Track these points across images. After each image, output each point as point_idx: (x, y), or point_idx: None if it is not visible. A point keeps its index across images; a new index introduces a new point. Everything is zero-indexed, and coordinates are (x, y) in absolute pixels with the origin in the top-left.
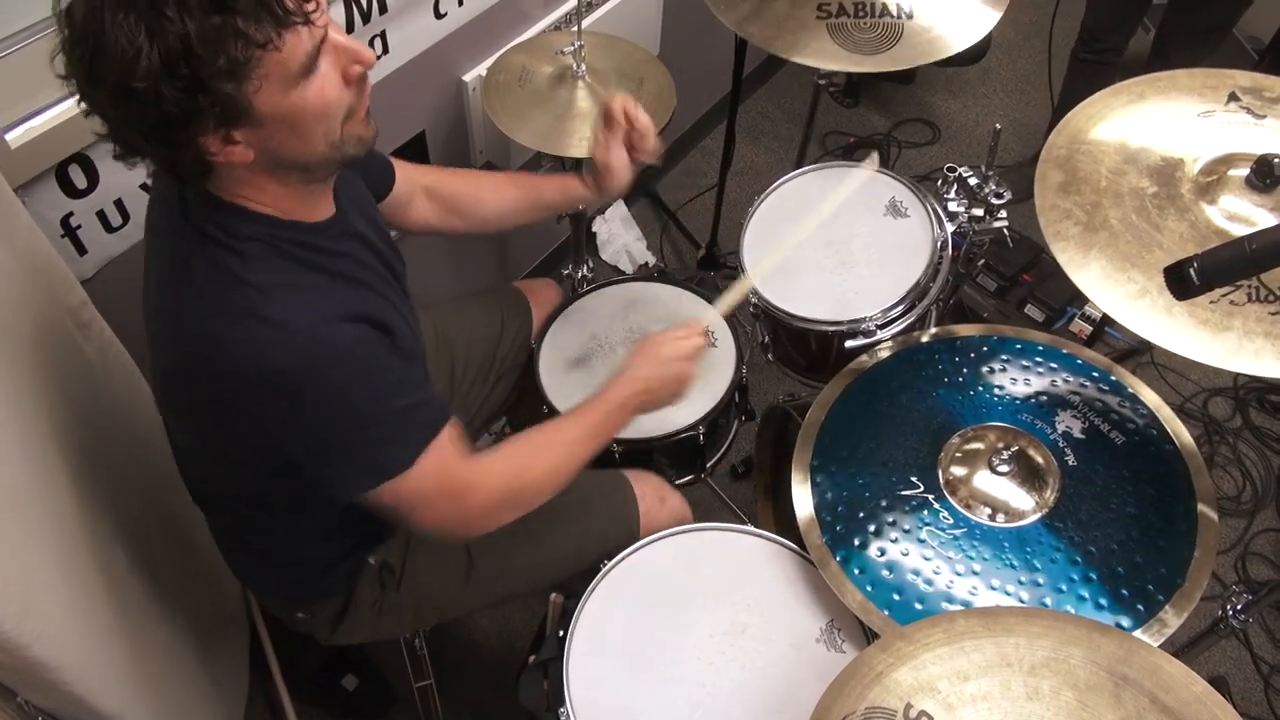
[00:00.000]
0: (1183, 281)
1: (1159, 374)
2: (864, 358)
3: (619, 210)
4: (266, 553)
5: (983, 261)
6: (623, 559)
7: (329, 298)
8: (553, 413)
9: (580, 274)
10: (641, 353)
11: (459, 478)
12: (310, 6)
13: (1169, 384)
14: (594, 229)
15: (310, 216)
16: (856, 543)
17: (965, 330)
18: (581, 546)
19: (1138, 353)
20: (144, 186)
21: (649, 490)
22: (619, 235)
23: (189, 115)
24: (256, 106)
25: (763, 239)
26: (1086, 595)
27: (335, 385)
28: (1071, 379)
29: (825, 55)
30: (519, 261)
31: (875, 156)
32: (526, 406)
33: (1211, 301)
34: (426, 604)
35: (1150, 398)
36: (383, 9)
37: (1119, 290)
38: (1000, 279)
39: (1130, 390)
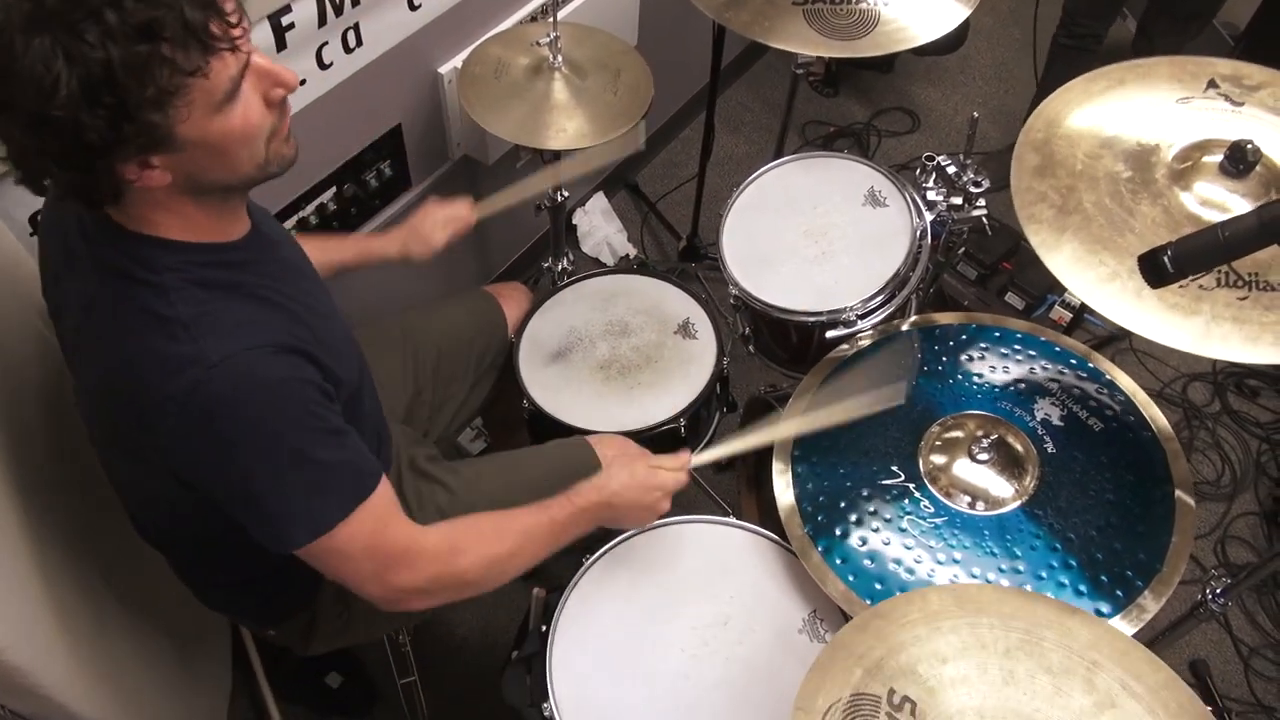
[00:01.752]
0: (1157, 269)
1: (1138, 360)
2: (844, 347)
3: (599, 202)
4: (218, 581)
5: (963, 250)
6: (605, 552)
7: (256, 326)
8: (532, 407)
9: (560, 267)
10: (623, 466)
11: (390, 545)
12: (236, 33)
13: (1148, 370)
14: (574, 221)
15: (226, 235)
16: (838, 533)
17: (944, 318)
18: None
19: (1117, 339)
20: None
21: (611, 452)
22: (600, 228)
23: (109, 144)
24: (180, 133)
25: (742, 230)
26: (1066, 582)
27: (259, 420)
28: (1050, 366)
29: (802, 40)
30: (498, 255)
31: None
32: (503, 402)
33: (1181, 286)
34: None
35: (1127, 384)
36: (355, 1)
37: (1090, 274)
38: (980, 267)
39: (1108, 377)
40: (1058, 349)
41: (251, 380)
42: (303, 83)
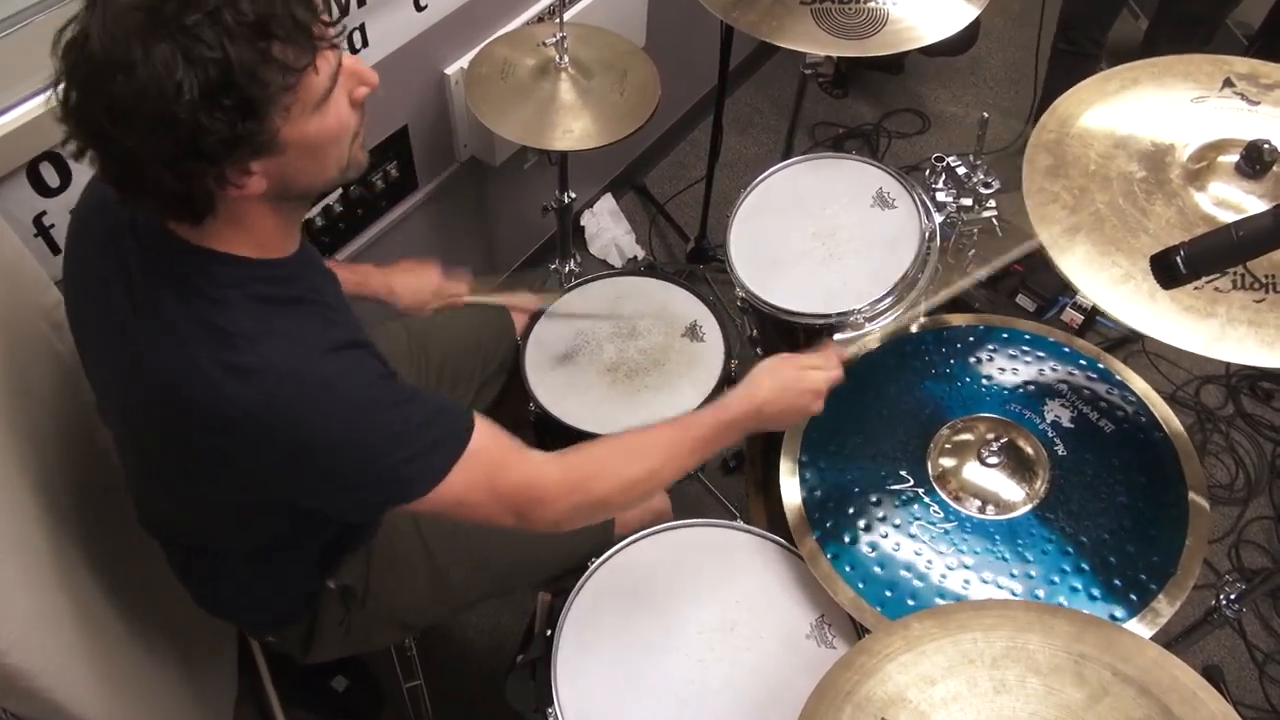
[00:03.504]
0: (1169, 270)
1: (1151, 362)
2: (853, 349)
3: (607, 204)
4: (219, 586)
5: (973, 252)
6: (610, 556)
7: (313, 332)
8: (538, 409)
9: (567, 268)
10: (769, 372)
11: (513, 483)
12: (334, 30)
13: (1161, 372)
14: (582, 223)
15: (284, 251)
16: (847, 538)
17: (954, 320)
18: (556, 543)
19: (1129, 341)
20: None
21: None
22: (608, 229)
23: (227, 147)
24: (284, 135)
25: (749, 231)
26: (1079, 586)
27: (341, 418)
28: (1059, 368)
29: (810, 39)
30: (506, 257)
31: None
32: (510, 405)
33: (1196, 288)
34: (398, 617)
35: (1139, 385)
36: (361, 1)
37: (1103, 275)
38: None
39: (1119, 378)
40: (1067, 350)
41: (323, 381)
42: None
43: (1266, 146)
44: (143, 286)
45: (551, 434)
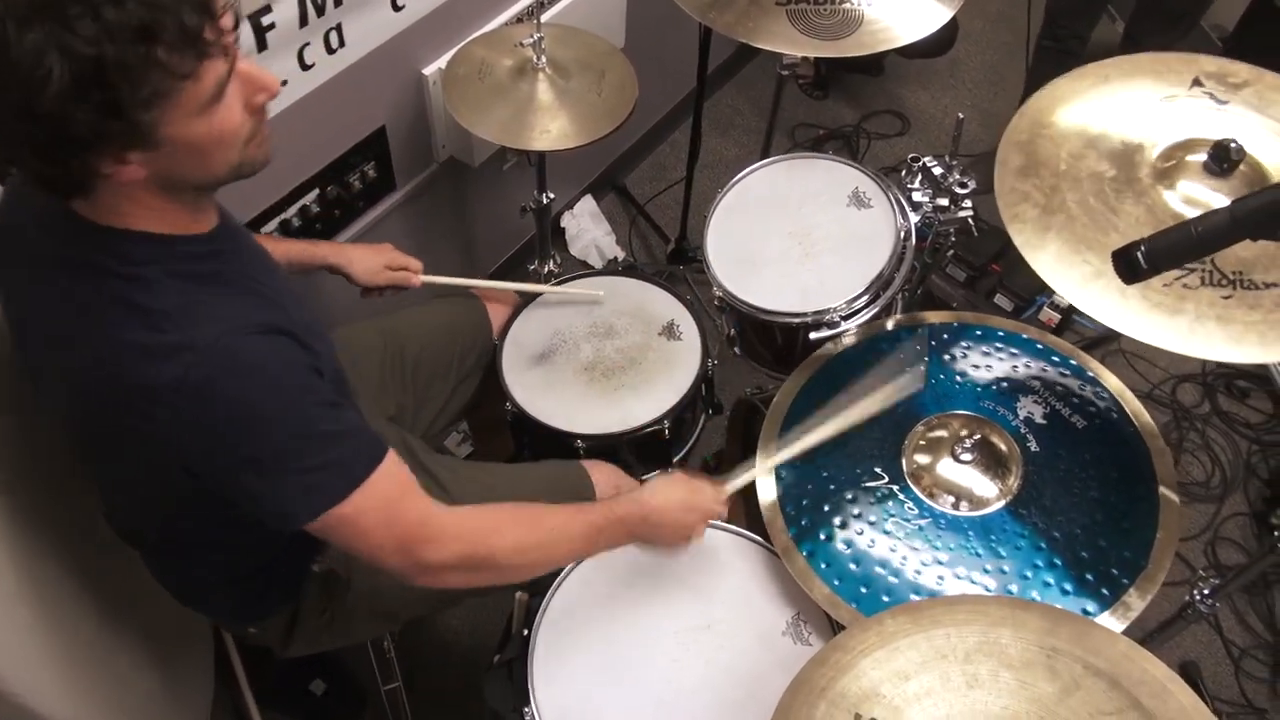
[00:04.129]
0: (1130, 265)
1: (1127, 361)
2: (829, 346)
3: (588, 205)
4: (199, 577)
5: (951, 252)
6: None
7: (238, 310)
8: (515, 409)
9: (546, 269)
10: (665, 485)
11: (408, 517)
12: (229, 38)
13: (1137, 371)
14: (562, 224)
15: (199, 227)
16: (822, 535)
17: (929, 317)
18: None
19: (1107, 340)
20: None
21: (605, 480)
22: (588, 230)
23: (93, 139)
24: (162, 133)
25: (726, 231)
26: (1051, 581)
27: (256, 400)
28: (1032, 364)
29: (786, 40)
30: (485, 258)
31: None
32: (487, 405)
33: (1165, 284)
34: (381, 608)
35: (1111, 381)
36: (338, 1)
37: (1074, 273)
38: (969, 269)
39: (1091, 374)
40: (1040, 347)
41: (243, 360)
42: (284, 84)
43: (1234, 146)
44: (57, 273)
45: (529, 434)
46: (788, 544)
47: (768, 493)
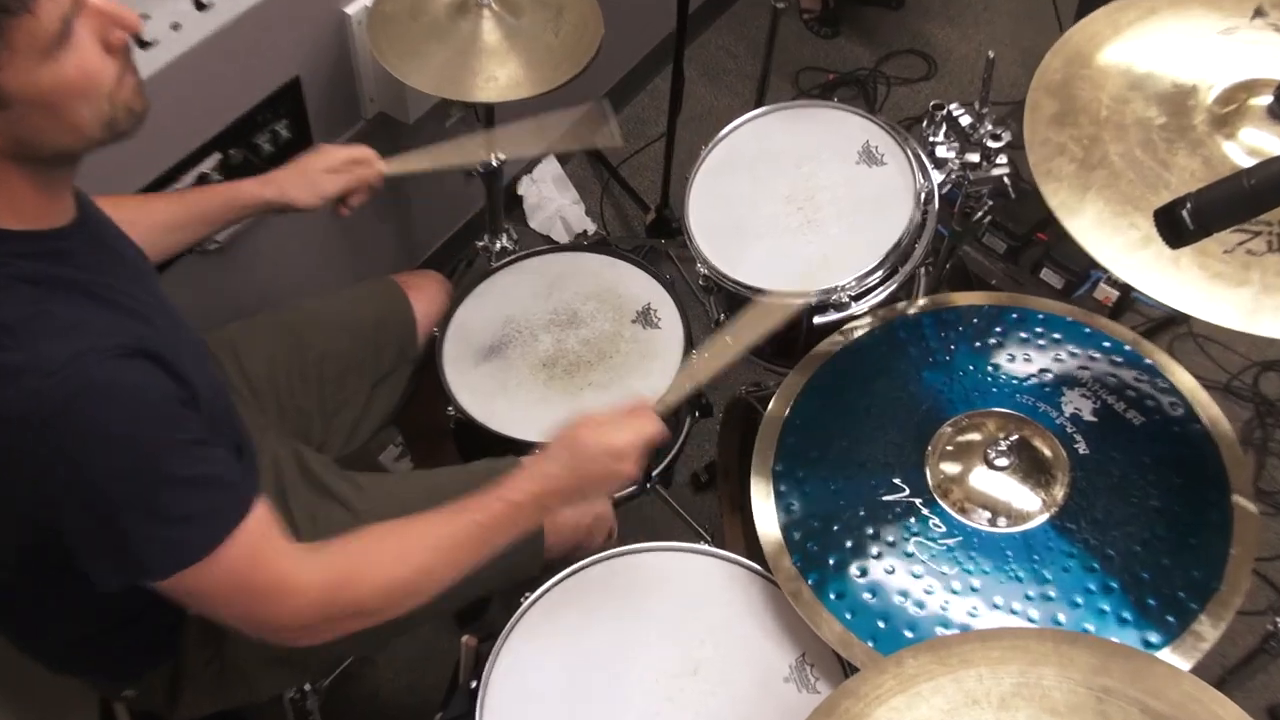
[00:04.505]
0: (1175, 225)
1: (1199, 346)
2: (836, 337)
3: (551, 168)
4: (60, 638)
5: (988, 218)
6: (547, 590)
7: (97, 326)
8: (459, 414)
9: (499, 246)
10: (564, 439)
11: (264, 580)
12: None
13: (1210, 357)
14: (519, 192)
15: (53, 220)
16: (832, 562)
17: (955, 299)
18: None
19: (1174, 322)
20: None
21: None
22: (551, 199)
23: None
24: (3, 85)
25: (712, 196)
26: (1107, 608)
27: (110, 435)
28: (1079, 352)
29: None
30: (425, 235)
31: None
32: (425, 410)
33: (1225, 251)
34: (280, 655)
35: (1174, 370)
36: None
37: (1118, 239)
38: (1010, 238)
39: (1149, 362)
40: (1088, 331)
41: (97, 387)
42: (176, 27)
43: None
44: None
45: (476, 444)
46: (791, 573)
47: (766, 513)
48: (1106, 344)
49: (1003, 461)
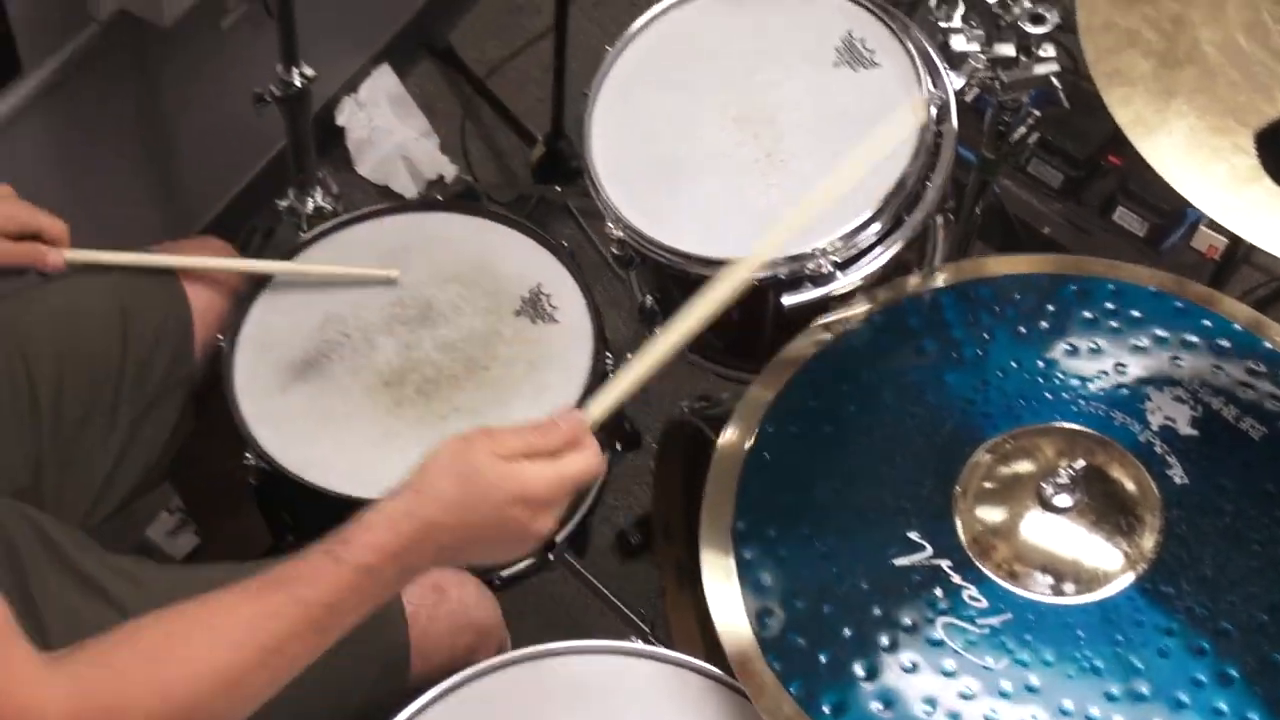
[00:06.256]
0: None
1: None
2: (817, 326)
3: (385, 82)
4: None
5: (1033, 137)
6: (429, 703)
7: None
8: (260, 460)
9: (311, 206)
10: (445, 466)
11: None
12: None
13: None
14: (339, 122)
15: None
16: (825, 661)
17: (990, 266)
18: (308, 690)
19: None
20: None
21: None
22: (388, 130)
23: None
24: None
25: (626, 120)
26: (1225, 707)
27: None
28: (1169, 335)
29: None
30: (198, 195)
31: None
32: (208, 456)
33: None
34: None
35: None
36: None
37: (1216, 169)
38: (1069, 166)
39: (1269, 346)
40: (1180, 304)
41: None
42: None
43: None
44: None
45: (289, 505)
46: (766, 679)
47: (729, 595)
48: (1208, 323)
49: (1065, 501)
